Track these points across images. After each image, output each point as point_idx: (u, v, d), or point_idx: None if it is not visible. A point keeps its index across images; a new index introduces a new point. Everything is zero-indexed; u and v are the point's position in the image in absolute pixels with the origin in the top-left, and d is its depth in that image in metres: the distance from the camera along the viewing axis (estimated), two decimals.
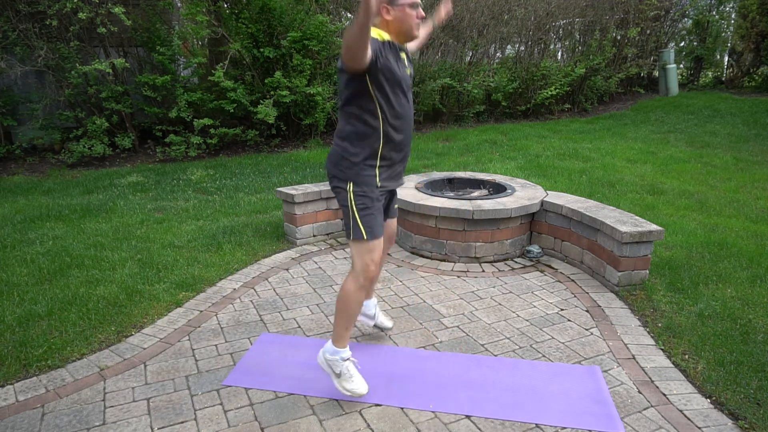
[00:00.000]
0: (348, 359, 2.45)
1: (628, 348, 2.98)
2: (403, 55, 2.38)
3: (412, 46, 2.64)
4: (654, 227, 3.55)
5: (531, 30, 10.72)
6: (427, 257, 4.27)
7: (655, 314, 3.33)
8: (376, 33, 2.24)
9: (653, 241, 3.58)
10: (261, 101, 7.73)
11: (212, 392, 2.57)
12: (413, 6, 2.25)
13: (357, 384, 2.43)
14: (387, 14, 2.25)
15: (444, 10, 2.80)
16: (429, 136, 9.12)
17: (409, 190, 4.43)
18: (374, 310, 2.96)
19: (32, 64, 7.12)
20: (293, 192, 4.38)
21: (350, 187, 2.36)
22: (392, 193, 2.67)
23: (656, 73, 13.29)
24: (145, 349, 2.93)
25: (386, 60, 2.22)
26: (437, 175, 4.96)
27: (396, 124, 2.35)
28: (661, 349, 2.96)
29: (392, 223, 2.74)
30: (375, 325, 2.99)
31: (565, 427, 2.35)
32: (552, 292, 3.68)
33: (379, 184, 2.40)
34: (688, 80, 14.36)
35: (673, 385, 2.64)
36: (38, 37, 7.09)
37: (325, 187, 4.58)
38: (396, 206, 2.75)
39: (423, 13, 2.30)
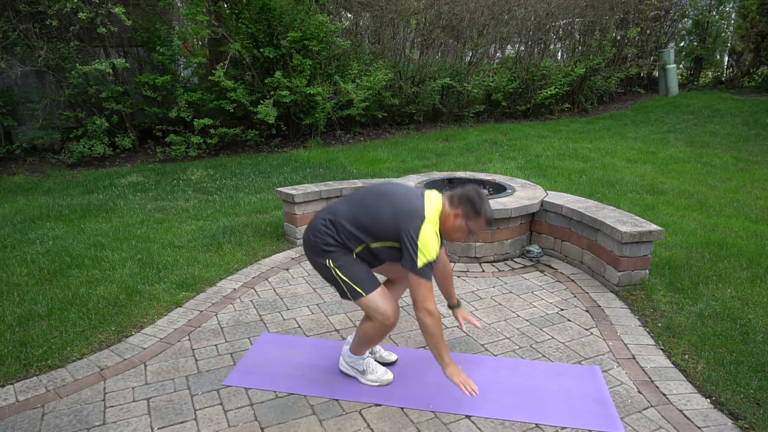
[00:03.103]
0: (366, 357, 2.62)
1: (628, 348, 2.98)
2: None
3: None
4: (654, 227, 3.55)
5: (531, 30, 10.73)
6: None
7: (655, 314, 3.34)
8: (435, 225, 2.31)
9: (653, 241, 3.58)
10: (261, 101, 7.73)
11: (212, 392, 2.57)
12: (471, 232, 2.40)
13: (380, 373, 2.61)
14: (455, 219, 2.36)
15: (461, 317, 2.77)
16: (429, 136, 9.12)
17: None
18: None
19: (32, 64, 7.12)
20: (293, 192, 4.38)
21: (329, 262, 2.40)
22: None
23: (656, 73, 13.29)
24: (145, 349, 2.93)
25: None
26: (437, 175, 4.97)
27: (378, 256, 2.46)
28: (661, 349, 2.96)
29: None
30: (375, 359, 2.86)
31: (565, 427, 2.35)
32: (552, 292, 3.68)
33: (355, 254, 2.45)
34: (688, 80, 14.35)
35: (673, 385, 2.65)
36: (38, 37, 7.08)
37: (324, 187, 4.58)
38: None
39: (472, 238, 2.48)
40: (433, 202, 2.36)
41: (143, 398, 2.52)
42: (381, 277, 2.69)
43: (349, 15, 9.61)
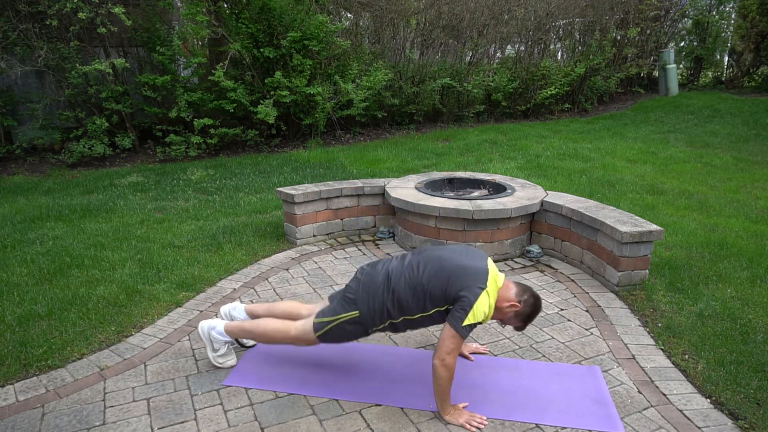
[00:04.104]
0: (229, 342, 2.77)
1: (628, 348, 2.98)
2: None
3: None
4: (654, 227, 3.55)
5: (531, 30, 10.72)
6: None
7: (655, 314, 3.34)
8: (491, 301, 2.38)
9: (653, 241, 3.58)
10: (261, 101, 7.73)
11: (212, 392, 2.57)
12: (504, 324, 2.57)
13: (229, 358, 2.77)
14: (511, 307, 2.45)
15: (466, 351, 2.92)
16: (429, 136, 9.12)
17: (408, 190, 4.43)
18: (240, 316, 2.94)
19: (32, 64, 7.12)
20: (293, 192, 4.38)
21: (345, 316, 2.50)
22: None
23: (656, 73, 13.28)
24: (145, 349, 2.93)
25: None
26: (437, 175, 4.97)
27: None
28: (661, 349, 2.96)
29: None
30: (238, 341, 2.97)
31: (565, 427, 2.35)
32: (552, 292, 3.68)
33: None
34: (688, 80, 14.35)
35: (673, 385, 2.64)
36: (38, 37, 7.08)
37: (324, 187, 4.58)
38: None
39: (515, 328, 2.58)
40: (497, 277, 2.45)
41: (143, 398, 2.52)
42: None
43: (349, 15, 9.61)
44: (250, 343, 2.95)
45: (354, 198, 4.69)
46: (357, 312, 2.45)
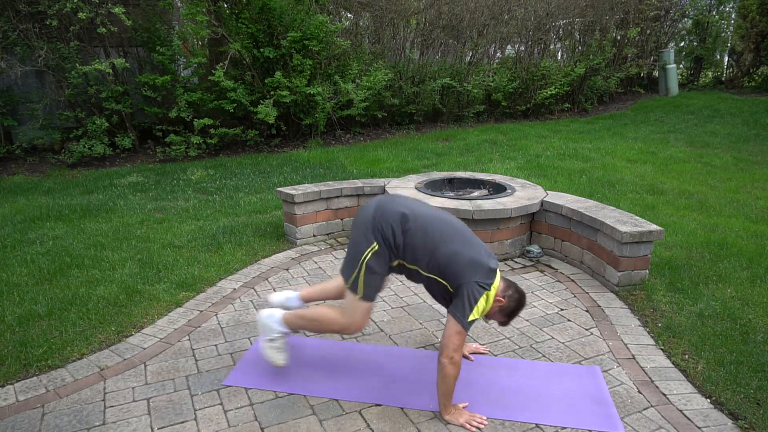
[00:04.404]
0: (287, 334, 2.66)
1: (628, 348, 2.98)
2: None
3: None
4: (654, 227, 3.55)
5: (531, 30, 10.72)
6: None
7: (655, 314, 3.34)
8: (486, 301, 2.38)
9: (653, 241, 3.58)
10: (261, 101, 7.73)
11: (212, 392, 2.57)
12: (489, 319, 2.56)
13: (278, 356, 2.62)
14: (497, 302, 2.45)
15: (467, 351, 2.92)
16: (429, 136, 9.12)
17: (408, 190, 4.43)
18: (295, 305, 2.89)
19: (32, 64, 7.12)
20: (293, 192, 4.38)
21: (367, 253, 2.40)
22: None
23: (656, 73, 13.28)
24: (145, 349, 2.93)
25: None
26: (437, 175, 4.97)
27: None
28: (661, 349, 2.96)
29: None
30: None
31: (565, 427, 2.35)
32: (552, 292, 3.68)
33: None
34: (688, 80, 14.35)
35: (673, 385, 2.64)
36: (38, 37, 7.08)
37: (324, 187, 4.59)
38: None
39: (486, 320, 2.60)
40: (498, 275, 2.46)
41: (143, 398, 2.52)
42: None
43: (349, 15, 9.61)
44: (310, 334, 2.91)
45: (354, 198, 4.69)
46: (375, 244, 2.38)
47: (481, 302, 2.32)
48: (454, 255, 2.35)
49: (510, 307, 2.48)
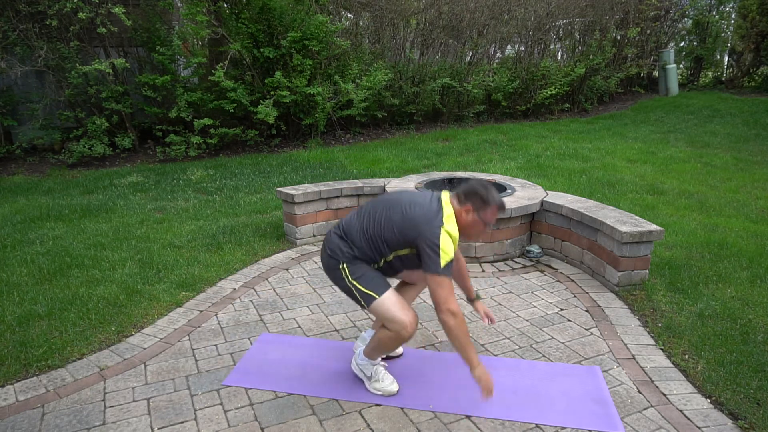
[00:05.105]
0: (377, 363, 2.58)
1: (628, 348, 2.98)
2: None
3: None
4: (654, 227, 3.55)
5: (531, 30, 10.72)
6: None
7: (655, 314, 3.34)
8: (454, 228, 2.30)
9: (653, 241, 3.58)
10: (261, 101, 7.73)
11: (212, 392, 2.57)
12: (487, 224, 2.40)
13: (386, 383, 2.55)
14: (466, 215, 2.35)
15: (482, 311, 2.76)
16: (429, 136, 9.12)
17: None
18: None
19: (32, 64, 7.12)
20: (293, 192, 4.38)
21: (344, 266, 2.41)
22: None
23: (656, 73, 13.28)
24: (145, 349, 2.93)
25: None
26: (437, 175, 4.97)
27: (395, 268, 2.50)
28: (661, 349, 2.96)
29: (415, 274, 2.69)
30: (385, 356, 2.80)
31: (565, 427, 2.35)
32: (552, 292, 3.68)
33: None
34: (688, 80, 14.35)
35: (673, 385, 2.64)
36: (38, 37, 7.08)
37: (324, 187, 4.58)
38: None
39: (489, 230, 2.38)
40: (448, 203, 2.36)
41: (143, 398, 2.52)
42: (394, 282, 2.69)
43: (349, 15, 9.61)
44: (398, 351, 2.85)
45: (354, 198, 4.69)
46: (341, 263, 2.40)
47: (444, 240, 2.23)
48: (391, 225, 2.32)
49: (479, 203, 2.34)
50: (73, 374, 2.69)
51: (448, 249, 2.24)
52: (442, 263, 2.22)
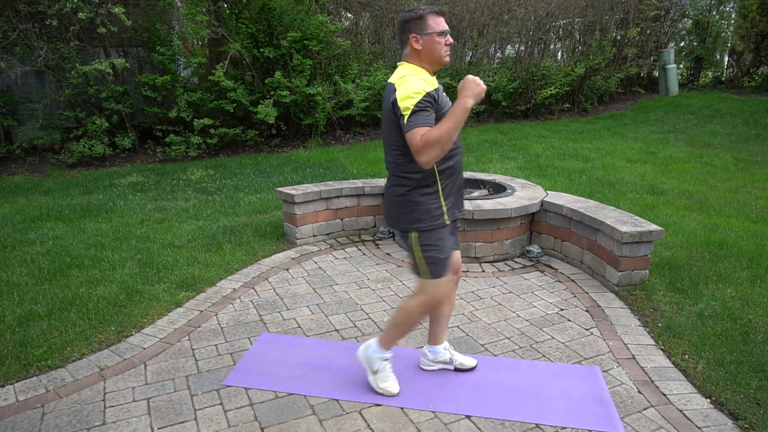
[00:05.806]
0: (387, 359, 2.54)
1: (628, 348, 2.98)
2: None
3: None
4: (654, 227, 3.55)
5: (531, 30, 10.72)
6: None
7: (655, 314, 3.34)
8: (413, 69, 2.23)
9: (653, 241, 3.58)
10: (261, 101, 7.73)
11: (212, 392, 2.57)
12: (442, 34, 2.23)
13: (390, 384, 2.54)
14: (416, 44, 2.22)
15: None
16: None
17: None
18: (449, 355, 2.74)
19: (32, 64, 7.12)
20: (293, 192, 4.38)
21: (413, 236, 2.33)
22: (455, 225, 2.56)
23: (656, 73, 13.29)
24: (145, 349, 2.93)
25: (440, 105, 2.22)
26: None
27: (452, 152, 2.33)
28: (661, 349, 2.96)
29: (457, 254, 2.62)
30: (456, 368, 2.75)
31: (565, 427, 2.35)
32: (552, 292, 3.68)
33: (447, 222, 2.36)
34: (688, 80, 14.35)
35: (673, 385, 2.64)
36: (38, 37, 7.09)
37: (324, 187, 4.58)
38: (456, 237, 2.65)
39: (451, 40, 2.28)
40: (400, 69, 2.27)
41: (143, 398, 2.52)
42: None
43: (349, 15, 9.61)
44: (470, 363, 2.76)
45: (354, 198, 4.69)
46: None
47: (405, 89, 2.11)
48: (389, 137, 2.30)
49: (413, 24, 2.20)
50: (73, 374, 2.69)
51: (406, 94, 2.10)
52: (406, 118, 2.10)
